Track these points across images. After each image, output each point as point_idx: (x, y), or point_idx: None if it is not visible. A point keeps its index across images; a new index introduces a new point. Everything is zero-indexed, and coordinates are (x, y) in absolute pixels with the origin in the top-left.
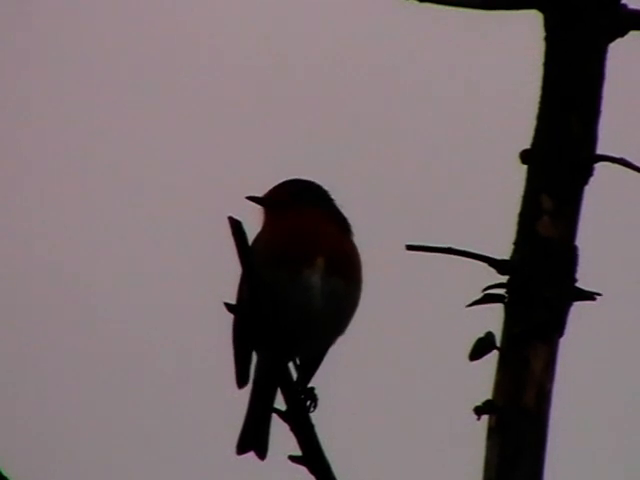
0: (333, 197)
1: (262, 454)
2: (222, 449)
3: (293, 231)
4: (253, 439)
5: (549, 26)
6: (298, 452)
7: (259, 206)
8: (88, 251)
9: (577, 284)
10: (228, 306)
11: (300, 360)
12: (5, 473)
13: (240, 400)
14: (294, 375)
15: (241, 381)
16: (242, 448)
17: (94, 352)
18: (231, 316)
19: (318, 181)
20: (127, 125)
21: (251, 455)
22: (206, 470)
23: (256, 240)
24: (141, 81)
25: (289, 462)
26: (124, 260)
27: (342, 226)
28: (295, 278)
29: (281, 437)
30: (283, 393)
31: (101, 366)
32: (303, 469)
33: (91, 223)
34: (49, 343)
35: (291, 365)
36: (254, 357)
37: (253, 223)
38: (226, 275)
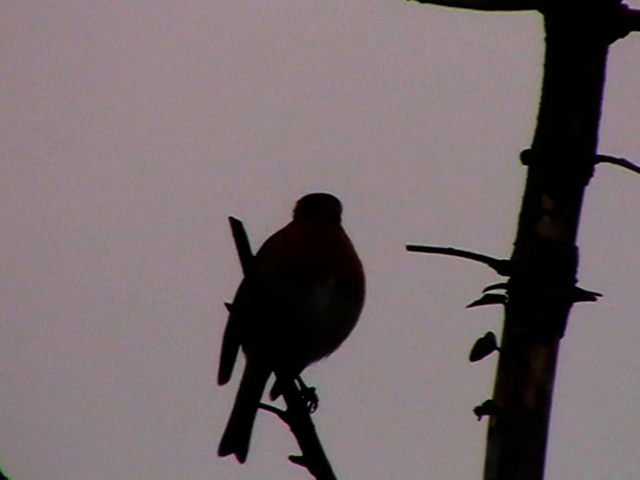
0: None
1: (242, 457)
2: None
3: (315, 247)
4: (235, 442)
5: (549, 27)
6: (298, 452)
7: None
8: (88, 251)
9: (577, 284)
10: (228, 306)
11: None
12: (5, 473)
13: (227, 400)
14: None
15: (222, 378)
16: (224, 450)
17: (94, 352)
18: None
19: (318, 180)
20: (130, 125)
21: (232, 457)
22: (206, 470)
23: (273, 239)
24: (143, 80)
25: (289, 462)
26: (124, 260)
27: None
28: (305, 292)
29: (281, 437)
30: (283, 393)
31: (100, 366)
32: (303, 469)
33: (91, 224)
34: (46, 345)
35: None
36: (242, 358)
37: (253, 224)
38: (227, 275)
